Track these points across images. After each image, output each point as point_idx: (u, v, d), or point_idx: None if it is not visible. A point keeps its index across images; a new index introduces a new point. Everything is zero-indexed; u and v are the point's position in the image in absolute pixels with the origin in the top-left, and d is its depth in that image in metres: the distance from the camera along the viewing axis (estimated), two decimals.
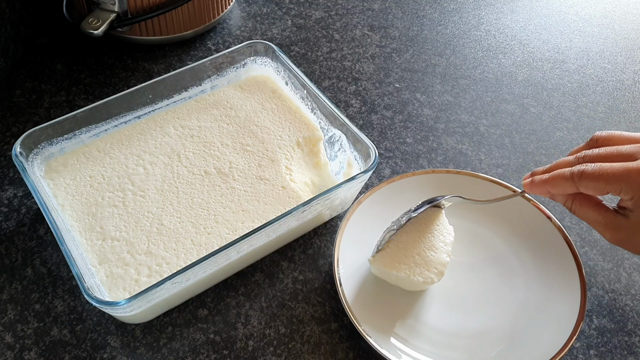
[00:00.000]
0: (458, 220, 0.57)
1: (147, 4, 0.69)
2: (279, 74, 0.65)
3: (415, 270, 0.51)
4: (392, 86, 0.73)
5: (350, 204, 0.59)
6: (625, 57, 0.78)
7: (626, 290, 0.56)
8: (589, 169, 0.45)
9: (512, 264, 0.55)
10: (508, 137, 0.68)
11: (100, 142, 0.59)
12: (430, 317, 0.52)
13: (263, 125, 0.62)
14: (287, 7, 0.82)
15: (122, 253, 0.51)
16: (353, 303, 0.51)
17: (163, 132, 0.60)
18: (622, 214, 0.46)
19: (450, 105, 0.71)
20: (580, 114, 0.71)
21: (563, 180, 0.46)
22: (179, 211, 0.54)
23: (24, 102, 0.68)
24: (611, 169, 0.44)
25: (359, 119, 0.69)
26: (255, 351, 0.50)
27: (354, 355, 0.51)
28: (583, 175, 0.45)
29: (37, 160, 0.56)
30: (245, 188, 0.56)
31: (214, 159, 0.59)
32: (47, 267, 0.54)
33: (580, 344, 0.52)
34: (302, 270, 0.56)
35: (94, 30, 0.66)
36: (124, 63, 0.73)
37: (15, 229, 0.57)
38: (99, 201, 0.55)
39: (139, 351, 0.50)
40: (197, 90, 0.64)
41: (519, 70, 0.76)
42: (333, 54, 0.76)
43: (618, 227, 0.46)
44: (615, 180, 0.44)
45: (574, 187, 0.46)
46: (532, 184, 0.49)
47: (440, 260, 0.52)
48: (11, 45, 0.70)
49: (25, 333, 0.50)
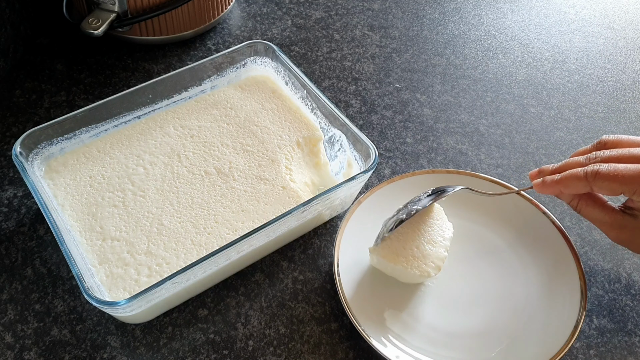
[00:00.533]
0: (458, 220, 0.57)
1: (147, 4, 0.69)
2: (279, 74, 0.65)
3: (413, 263, 0.51)
4: (392, 86, 0.73)
5: (350, 204, 0.59)
6: (625, 57, 0.78)
7: (626, 290, 0.56)
8: (603, 169, 0.45)
9: (512, 264, 0.55)
10: (508, 137, 0.68)
11: (100, 142, 0.59)
12: (431, 317, 0.52)
13: (263, 125, 0.62)
14: (287, 7, 0.82)
15: (122, 253, 0.51)
16: (353, 303, 0.51)
17: (163, 132, 0.60)
18: (630, 214, 0.46)
19: (450, 105, 0.71)
20: (580, 114, 0.71)
21: (576, 180, 0.46)
22: (179, 211, 0.54)
23: (24, 102, 0.68)
24: (627, 170, 0.44)
25: (359, 119, 0.69)
26: (255, 351, 0.50)
27: (354, 355, 0.51)
28: (598, 175, 0.45)
29: (37, 160, 0.56)
30: (245, 188, 0.56)
31: (214, 159, 0.59)
32: (47, 267, 0.54)
33: (580, 344, 0.52)
34: (302, 270, 0.56)
35: (94, 30, 0.66)
36: (124, 63, 0.73)
37: (15, 229, 0.57)
38: (99, 201, 0.55)
39: (139, 351, 0.50)
40: (197, 90, 0.64)
41: (519, 70, 0.76)
42: (333, 54, 0.76)
43: (624, 227, 0.47)
44: (631, 181, 0.44)
45: (588, 187, 0.46)
46: (544, 184, 0.49)
47: (438, 254, 0.52)
48: (11, 45, 0.70)
49: (25, 333, 0.50)
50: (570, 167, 0.48)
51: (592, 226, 0.60)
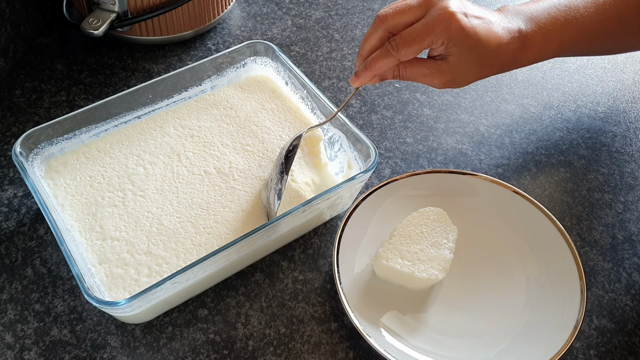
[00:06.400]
0: (458, 221, 0.57)
1: (147, 4, 0.69)
2: (279, 74, 0.65)
3: (420, 267, 0.51)
4: (392, 86, 0.73)
5: (350, 204, 0.59)
6: (625, 57, 0.78)
7: (626, 290, 0.56)
8: (399, 39, 0.50)
9: (512, 264, 0.56)
10: (508, 137, 0.68)
11: (100, 142, 0.59)
12: (430, 316, 0.52)
13: (263, 125, 0.62)
14: (287, 7, 0.82)
15: (122, 253, 0.51)
16: (353, 303, 0.51)
17: (163, 132, 0.60)
18: (441, 59, 0.52)
19: (450, 105, 0.71)
20: (580, 114, 0.71)
21: (383, 58, 0.51)
22: (178, 211, 0.54)
23: (24, 102, 0.68)
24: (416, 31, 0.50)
25: (359, 119, 0.69)
26: (255, 351, 0.50)
27: (354, 355, 0.51)
28: (399, 46, 0.50)
29: (37, 160, 0.56)
30: (245, 188, 0.56)
31: (214, 159, 0.59)
32: (47, 267, 0.54)
33: (580, 344, 0.52)
34: (302, 270, 0.56)
35: (94, 30, 0.66)
36: (124, 63, 0.73)
37: (15, 229, 0.57)
38: (99, 201, 0.55)
39: (139, 351, 0.50)
40: (197, 90, 0.64)
41: (519, 70, 0.76)
42: (333, 54, 0.76)
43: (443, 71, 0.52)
44: (425, 36, 0.49)
45: (395, 60, 0.51)
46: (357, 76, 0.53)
47: (444, 256, 0.52)
48: (11, 45, 0.70)
49: (25, 333, 0.50)
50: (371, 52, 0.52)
51: (592, 226, 0.60)
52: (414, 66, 0.53)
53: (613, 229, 0.60)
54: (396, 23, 0.51)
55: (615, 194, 0.63)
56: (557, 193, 0.63)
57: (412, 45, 0.50)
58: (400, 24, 0.51)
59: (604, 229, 0.60)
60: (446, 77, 0.52)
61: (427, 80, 0.53)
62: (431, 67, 0.52)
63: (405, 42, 0.50)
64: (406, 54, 0.50)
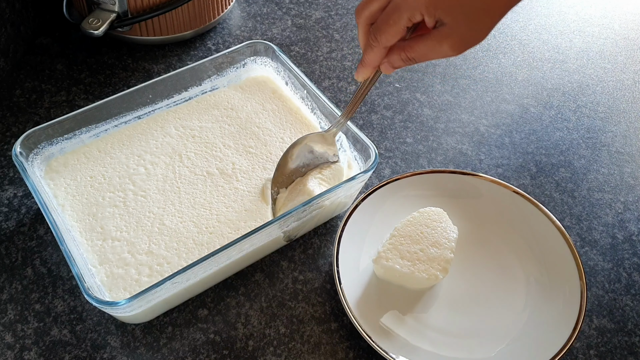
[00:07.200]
0: (458, 221, 0.57)
1: (147, 4, 0.69)
2: (279, 74, 0.65)
3: (420, 267, 0.51)
4: (392, 86, 0.73)
5: (350, 204, 0.59)
6: (625, 57, 0.79)
7: (626, 290, 0.56)
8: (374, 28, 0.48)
9: (512, 264, 0.56)
10: (508, 137, 0.68)
11: (101, 142, 0.59)
12: (430, 316, 0.52)
13: (264, 126, 0.62)
14: (287, 7, 0.82)
15: (123, 253, 0.51)
16: (353, 303, 0.51)
17: (164, 132, 0.60)
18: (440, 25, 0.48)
19: (450, 105, 0.71)
20: (580, 114, 0.71)
21: (369, 51, 0.49)
22: (180, 211, 0.54)
23: (24, 102, 0.68)
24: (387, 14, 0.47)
25: (359, 119, 0.69)
26: (255, 351, 0.50)
27: (354, 355, 0.51)
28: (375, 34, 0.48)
29: (37, 160, 0.56)
30: (249, 189, 0.56)
31: (216, 159, 0.59)
32: (47, 267, 0.54)
33: (580, 344, 0.52)
34: (302, 270, 0.56)
35: (94, 30, 0.66)
36: (124, 63, 0.73)
37: (15, 229, 0.57)
38: (99, 201, 0.55)
39: (139, 351, 0.50)
40: (197, 90, 0.64)
41: (519, 70, 0.76)
42: (333, 54, 0.76)
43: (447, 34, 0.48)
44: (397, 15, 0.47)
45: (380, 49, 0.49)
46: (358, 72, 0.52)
47: (444, 256, 0.52)
48: (11, 45, 0.70)
49: (25, 333, 0.50)
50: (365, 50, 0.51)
51: (592, 226, 0.60)
52: (417, 44, 0.49)
53: (613, 229, 0.60)
54: (369, 13, 0.49)
55: (615, 194, 0.63)
56: (557, 193, 0.63)
57: (388, 29, 0.48)
58: (373, 12, 0.49)
59: (604, 229, 0.60)
60: (454, 39, 0.48)
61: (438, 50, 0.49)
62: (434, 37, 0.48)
63: (380, 29, 0.48)
64: (387, 40, 0.48)
